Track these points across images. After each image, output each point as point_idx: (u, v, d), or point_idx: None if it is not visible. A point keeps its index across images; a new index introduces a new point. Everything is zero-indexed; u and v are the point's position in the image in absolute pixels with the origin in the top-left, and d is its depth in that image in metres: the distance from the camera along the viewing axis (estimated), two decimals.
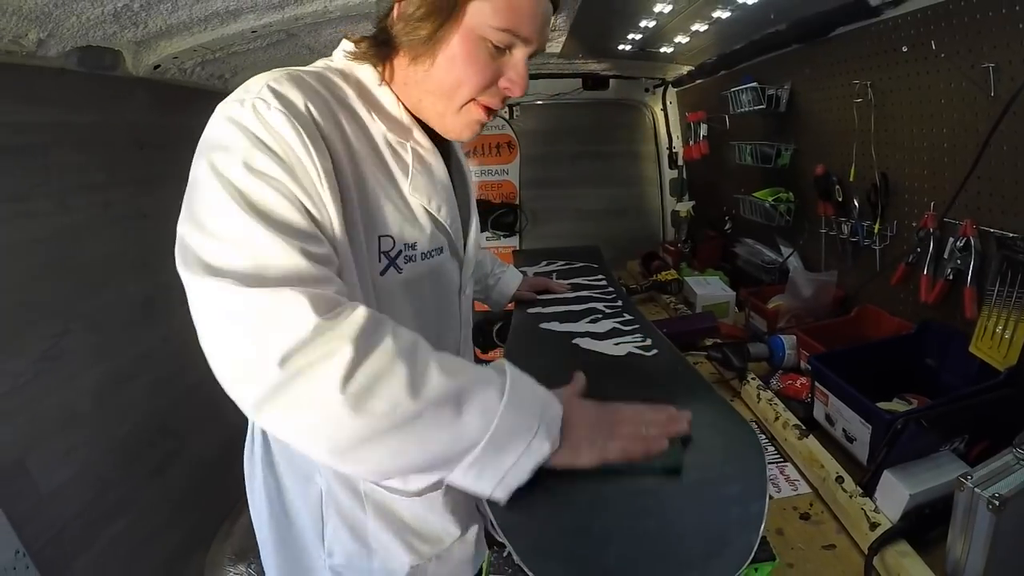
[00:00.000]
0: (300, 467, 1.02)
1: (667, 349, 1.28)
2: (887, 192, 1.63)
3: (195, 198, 0.74)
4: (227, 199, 0.70)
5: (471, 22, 0.81)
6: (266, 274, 0.67)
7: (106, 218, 1.71)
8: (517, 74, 0.86)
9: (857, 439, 1.22)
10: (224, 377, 0.67)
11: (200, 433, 2.10)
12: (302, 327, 0.64)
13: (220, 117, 0.76)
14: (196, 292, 0.69)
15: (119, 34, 1.51)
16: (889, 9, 1.49)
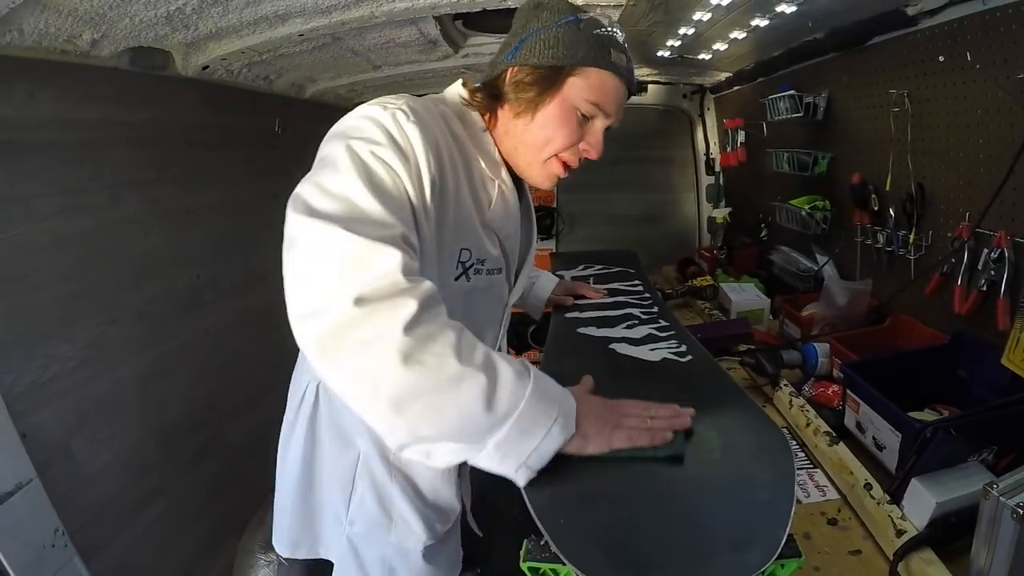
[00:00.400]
0: (344, 431, 1.14)
1: (701, 355, 1.31)
2: (923, 202, 1.63)
3: (323, 167, 0.85)
4: (351, 169, 0.82)
5: (567, 93, 1.02)
6: (366, 231, 0.76)
7: (154, 213, 1.78)
8: (596, 140, 1.07)
9: (887, 447, 1.23)
10: (297, 311, 0.74)
11: (236, 423, 2.16)
12: (385, 276, 0.73)
13: (362, 114, 0.90)
14: (298, 229, 0.78)
15: (170, 36, 1.58)
16: (926, 19, 1.50)
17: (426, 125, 0.92)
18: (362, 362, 0.71)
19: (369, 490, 1.14)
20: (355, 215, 0.78)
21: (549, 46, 1.01)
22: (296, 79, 2.39)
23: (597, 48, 1.02)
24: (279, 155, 2.49)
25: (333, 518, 1.19)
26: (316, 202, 0.79)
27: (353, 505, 1.16)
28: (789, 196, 2.25)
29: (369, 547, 1.18)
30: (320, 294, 0.73)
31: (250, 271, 2.30)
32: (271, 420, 2.32)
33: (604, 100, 1.04)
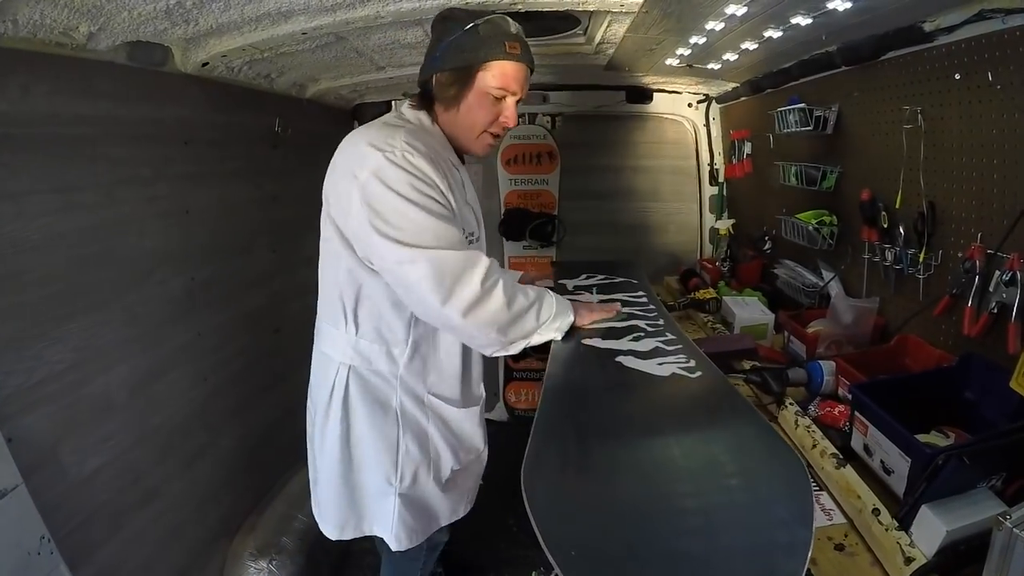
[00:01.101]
0: (381, 398, 1.49)
1: (711, 371, 1.28)
2: (933, 221, 1.60)
3: (389, 213, 1.27)
4: (410, 207, 1.27)
5: (479, 84, 1.38)
6: (445, 243, 1.29)
7: (151, 212, 1.74)
8: (510, 113, 1.44)
9: (895, 471, 1.20)
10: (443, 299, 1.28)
11: (231, 427, 2.13)
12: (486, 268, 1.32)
13: (382, 158, 1.27)
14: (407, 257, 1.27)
15: (170, 31, 1.54)
16: (943, 36, 1.47)
17: (422, 152, 1.30)
18: (490, 315, 1.32)
19: (412, 439, 1.50)
20: (446, 241, 1.29)
21: (457, 51, 1.35)
22: (297, 78, 2.35)
23: (494, 44, 1.34)
24: (279, 155, 2.45)
25: (378, 491, 1.51)
26: (413, 238, 1.26)
27: (400, 459, 1.50)
28: (795, 210, 2.23)
29: (416, 494, 1.54)
30: (459, 287, 1.28)
31: (247, 273, 2.27)
32: (267, 423, 2.34)
33: (508, 83, 1.39)
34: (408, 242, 1.24)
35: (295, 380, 2.54)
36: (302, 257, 2.68)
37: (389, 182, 1.25)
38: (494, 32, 1.35)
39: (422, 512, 1.56)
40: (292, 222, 2.57)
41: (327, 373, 1.50)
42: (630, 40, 1.92)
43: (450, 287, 1.26)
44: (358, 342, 1.46)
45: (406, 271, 1.27)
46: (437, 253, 1.26)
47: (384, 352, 1.47)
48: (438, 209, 1.30)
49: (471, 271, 1.29)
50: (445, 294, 1.26)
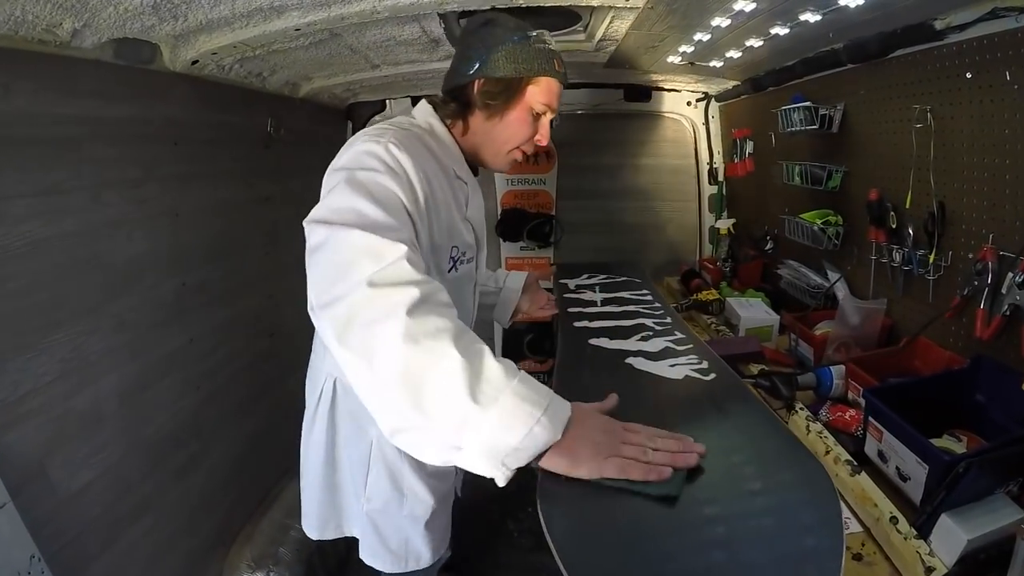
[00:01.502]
0: (359, 420, 1.34)
1: (725, 373, 1.26)
2: (943, 221, 1.58)
3: (333, 193, 1.01)
4: (357, 191, 0.99)
5: (528, 98, 1.29)
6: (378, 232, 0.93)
7: (139, 215, 1.69)
8: (545, 131, 1.36)
9: (911, 478, 1.18)
10: (319, 301, 0.89)
11: (224, 435, 2.09)
12: (395, 264, 0.89)
13: (359, 149, 1.09)
14: (321, 236, 0.94)
15: (157, 27, 1.49)
16: (954, 34, 1.45)
17: (411, 151, 1.12)
18: (368, 338, 0.83)
19: (383, 471, 1.35)
20: (367, 222, 0.94)
21: (510, 61, 1.25)
22: (290, 77, 2.30)
23: (545, 60, 1.28)
24: (272, 155, 2.40)
25: (353, 496, 1.41)
26: (333, 216, 0.95)
27: (370, 485, 1.37)
28: (798, 209, 2.20)
29: (386, 521, 1.39)
30: (339, 283, 0.87)
31: (239, 277, 2.22)
32: (261, 430, 2.30)
33: (552, 100, 1.32)
34: (328, 220, 0.94)
35: (290, 385, 2.52)
36: (296, 259, 2.63)
37: (353, 167, 1.05)
38: (545, 47, 1.30)
39: (391, 543, 1.41)
40: (286, 223, 2.52)
41: (316, 382, 1.42)
42: (633, 37, 1.88)
43: (336, 274, 0.89)
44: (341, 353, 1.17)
45: (311, 257, 0.96)
46: (345, 230, 0.92)
47: None
48: (391, 203, 1.01)
49: (367, 260, 0.88)
50: (328, 283, 0.89)
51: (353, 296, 0.86)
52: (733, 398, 1.15)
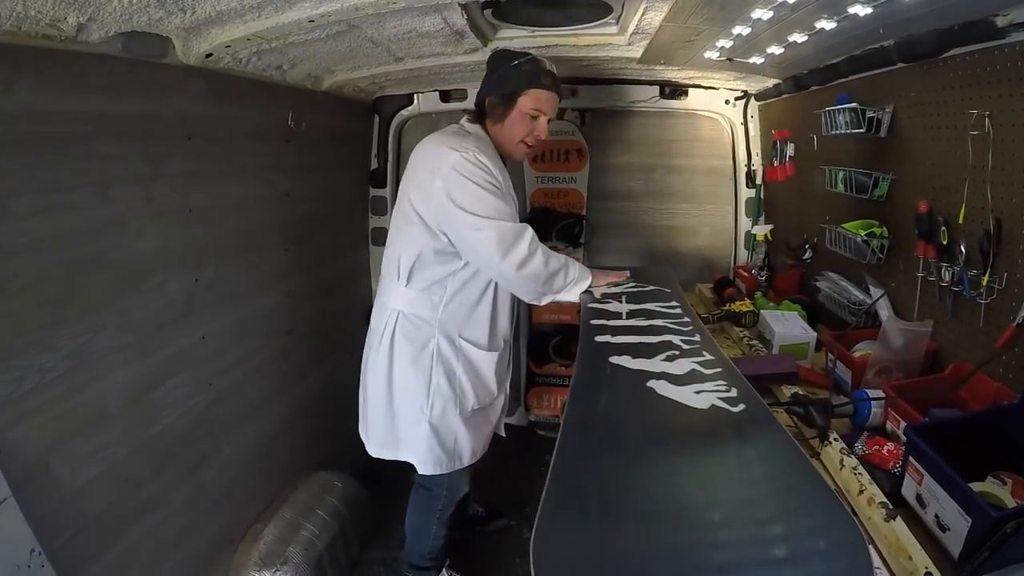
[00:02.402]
0: (419, 339, 1.87)
1: (754, 402, 1.17)
2: (999, 240, 1.43)
3: (465, 194, 1.72)
4: (482, 191, 1.73)
5: (520, 106, 1.83)
6: (506, 216, 1.76)
7: (149, 212, 1.66)
8: (541, 128, 1.88)
9: (951, 529, 1.07)
10: (502, 255, 1.73)
11: (235, 434, 2.08)
12: (532, 238, 1.79)
13: (460, 157, 1.73)
14: (481, 223, 1.72)
15: (166, 20, 1.45)
16: (1017, 32, 1.31)
17: (486, 154, 1.79)
18: (534, 270, 1.77)
19: (443, 375, 1.88)
20: (507, 214, 1.77)
21: (505, 82, 1.84)
22: (312, 69, 2.25)
23: (531, 78, 1.82)
24: (293, 150, 2.36)
25: (413, 421, 1.89)
26: (483, 210, 1.72)
27: (432, 392, 1.87)
28: (840, 218, 2.06)
29: (444, 424, 1.90)
30: (515, 247, 1.74)
31: (256, 275, 2.20)
32: (275, 430, 2.29)
33: (541, 106, 1.85)
34: (479, 213, 1.71)
35: (307, 382, 2.53)
36: (318, 255, 2.63)
37: (465, 172, 1.72)
38: (532, 68, 1.83)
39: (447, 443, 1.92)
40: (307, 220, 2.50)
41: (381, 317, 1.92)
42: (667, 30, 1.77)
43: (508, 247, 1.73)
44: (408, 292, 1.86)
45: (477, 236, 1.73)
46: (499, 223, 1.73)
47: (427, 300, 1.86)
48: (498, 193, 1.77)
49: (522, 237, 1.76)
50: (505, 252, 1.73)
51: (521, 253, 1.75)
52: (762, 435, 1.07)
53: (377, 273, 3.23)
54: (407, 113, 3.10)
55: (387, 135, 3.12)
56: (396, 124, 3.13)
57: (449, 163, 1.72)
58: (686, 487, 0.93)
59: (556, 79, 1.87)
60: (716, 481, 0.89)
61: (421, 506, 2.11)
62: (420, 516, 2.13)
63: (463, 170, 1.72)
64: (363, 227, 3.21)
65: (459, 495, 2.12)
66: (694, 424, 1.11)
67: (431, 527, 2.11)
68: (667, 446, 0.99)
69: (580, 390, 1.26)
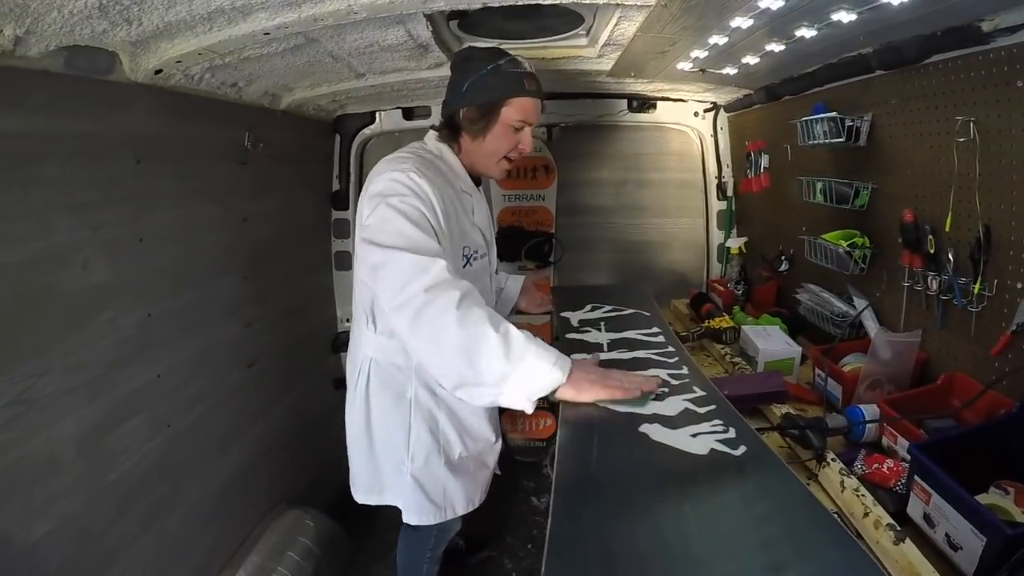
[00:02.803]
0: (397, 388, 1.67)
1: (755, 443, 1.11)
2: (988, 247, 1.41)
3: (379, 219, 1.38)
4: (398, 216, 1.37)
5: (503, 118, 1.57)
6: (422, 251, 1.32)
7: (96, 241, 1.54)
8: (527, 141, 1.64)
9: (964, 548, 1.03)
10: (390, 305, 1.31)
11: (197, 476, 1.95)
12: (439, 274, 1.29)
13: (389, 178, 1.44)
14: (380, 257, 1.34)
15: (111, 32, 1.34)
16: (1003, 37, 1.28)
17: (428, 176, 1.46)
18: (433, 329, 1.26)
19: (423, 425, 1.67)
20: (411, 244, 1.33)
21: (485, 89, 1.55)
22: (269, 87, 2.14)
23: (516, 82, 1.55)
24: (250, 173, 2.25)
25: (394, 468, 1.70)
26: (385, 240, 1.34)
27: (412, 444, 1.67)
28: (818, 229, 2.03)
29: (428, 475, 1.69)
30: (403, 291, 1.28)
31: (213, 305, 2.07)
32: (242, 467, 2.18)
33: (527, 115, 1.59)
34: (383, 243, 1.34)
35: (272, 415, 2.40)
36: (280, 282, 2.51)
37: (387, 194, 1.41)
38: (514, 71, 1.55)
39: (434, 494, 1.71)
40: (267, 245, 2.38)
41: (354, 364, 1.74)
42: (641, 41, 1.72)
43: (400, 286, 1.29)
44: (377, 338, 1.66)
45: (376, 273, 1.37)
46: (400, 253, 1.32)
47: (399, 346, 1.60)
48: (423, 222, 1.39)
49: (427, 269, 1.29)
50: (395, 293, 1.30)
51: (416, 301, 1.27)
52: (769, 480, 1.01)
53: (342, 298, 3.15)
54: (369, 132, 3.01)
55: (349, 155, 3.02)
56: (358, 143, 3.04)
57: (379, 184, 1.44)
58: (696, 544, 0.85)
59: (538, 80, 1.60)
60: (726, 534, 0.84)
61: (412, 546, 1.95)
62: (411, 556, 1.97)
63: (386, 191, 1.41)
64: (326, 251, 3.10)
65: (451, 534, 1.96)
66: (696, 473, 1.05)
67: (422, 566, 1.95)
68: (670, 500, 0.93)
69: (569, 442, 1.17)
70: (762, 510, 0.93)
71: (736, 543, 0.84)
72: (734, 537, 0.85)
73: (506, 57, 1.55)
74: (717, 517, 0.90)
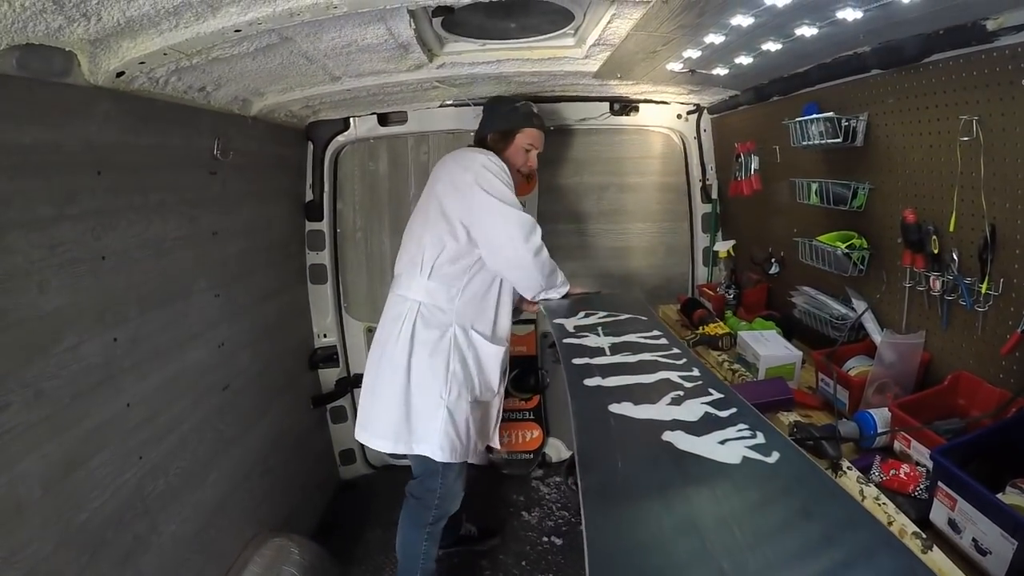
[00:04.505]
0: (438, 327, 2.04)
1: (787, 448, 1.06)
2: (993, 247, 1.40)
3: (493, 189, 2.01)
4: (503, 187, 2.03)
5: (517, 141, 2.24)
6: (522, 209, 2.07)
7: (53, 262, 1.40)
8: (532, 160, 2.30)
9: (992, 553, 1.02)
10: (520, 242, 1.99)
11: (173, 509, 1.82)
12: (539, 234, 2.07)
13: (485, 159, 2.07)
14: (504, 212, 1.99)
15: (67, 29, 1.22)
16: (1008, 36, 1.26)
17: (506, 166, 2.10)
18: (543, 263, 2.05)
19: (458, 360, 2.03)
20: (518, 205, 2.03)
21: (505, 121, 2.24)
22: (239, 91, 2.02)
23: (525, 118, 2.24)
24: (219, 183, 2.13)
25: (431, 407, 2.00)
26: (510, 199, 2.01)
27: (449, 376, 2.01)
28: (811, 231, 2.02)
29: (458, 409, 2.02)
30: (531, 237, 2.00)
31: (183, 326, 1.94)
32: (221, 497, 2.04)
33: (534, 142, 2.25)
34: (506, 201, 1.98)
35: (250, 439, 2.29)
36: (253, 299, 2.39)
37: (492, 170, 2.02)
38: (526, 111, 2.25)
39: (461, 429, 2.03)
40: (238, 259, 2.26)
41: (400, 308, 2.07)
42: (633, 40, 1.67)
43: (528, 233, 1.99)
44: (429, 284, 2.05)
45: (504, 219, 1.97)
46: (520, 212, 2.00)
47: (445, 292, 2.05)
48: (514, 194, 2.04)
49: (536, 229, 2.04)
50: (526, 236, 1.97)
51: (539, 247, 2.02)
52: (812, 490, 0.96)
53: (318, 312, 3.06)
54: (343, 139, 2.91)
55: (322, 163, 2.91)
56: (332, 151, 2.93)
57: (480, 162, 2.02)
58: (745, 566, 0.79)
59: (542, 119, 2.29)
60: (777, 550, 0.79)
61: (411, 517, 2.17)
62: (410, 528, 2.18)
63: (491, 168, 2.01)
64: (300, 264, 2.99)
65: (450, 507, 2.19)
66: (732, 484, 0.98)
67: (421, 542, 2.15)
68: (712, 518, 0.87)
69: (588, 453, 1.10)
70: (815, 529, 0.86)
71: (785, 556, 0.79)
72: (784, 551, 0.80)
73: (522, 101, 2.30)
74: (768, 536, 0.83)
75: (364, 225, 3.12)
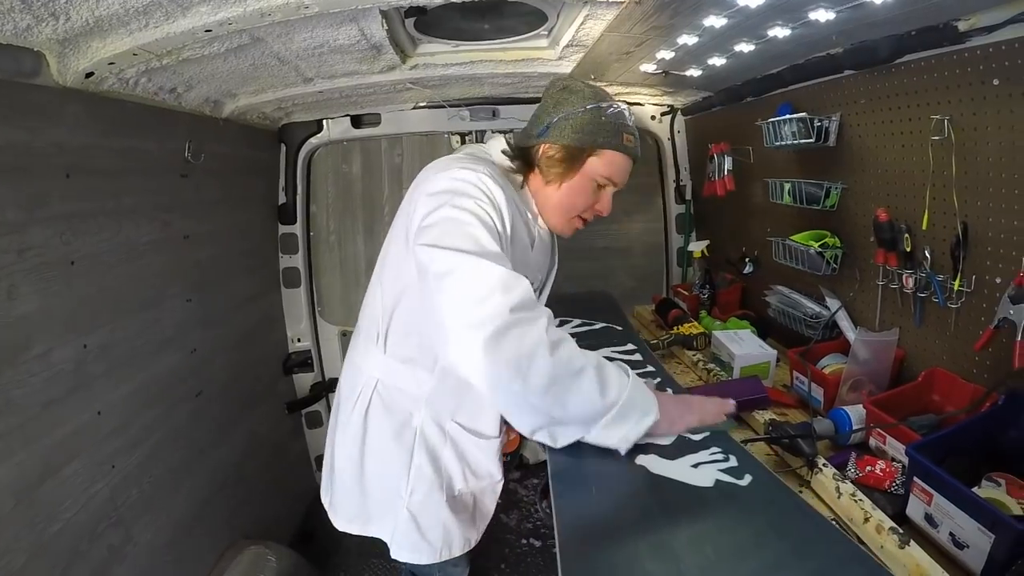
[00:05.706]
0: (399, 416, 1.43)
1: (759, 471, 1.09)
2: (965, 244, 1.42)
3: (446, 220, 1.16)
4: (466, 215, 1.15)
5: (588, 169, 1.33)
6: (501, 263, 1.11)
7: (22, 267, 1.39)
8: (606, 203, 1.42)
9: (970, 546, 1.04)
10: (466, 321, 1.05)
11: (146, 519, 1.79)
12: (526, 294, 1.09)
13: (455, 176, 1.22)
14: (452, 261, 1.09)
15: (35, 28, 1.21)
16: (979, 36, 1.29)
17: (502, 186, 1.24)
18: (519, 356, 1.03)
19: (425, 457, 1.43)
20: (486, 252, 1.11)
21: (575, 130, 1.30)
22: (211, 93, 1.99)
23: (613, 132, 1.31)
24: (190, 186, 2.09)
25: (387, 500, 1.45)
26: (459, 244, 1.11)
27: (412, 475, 1.43)
28: (785, 230, 2.03)
29: (426, 511, 1.44)
30: (483, 304, 1.05)
31: (156, 331, 1.91)
32: (196, 505, 2.01)
33: (615, 174, 1.36)
34: (455, 247, 1.11)
35: (224, 447, 2.26)
36: (226, 304, 2.36)
37: (457, 192, 1.20)
38: (615, 120, 1.32)
39: (430, 533, 1.46)
40: (211, 264, 2.22)
41: (354, 388, 1.49)
42: (606, 41, 1.68)
43: (482, 298, 1.06)
44: (387, 360, 1.44)
45: (442, 281, 1.11)
46: (478, 259, 1.09)
47: (410, 372, 1.42)
48: (495, 233, 1.17)
49: (505, 290, 1.07)
50: (470, 306, 1.07)
51: (499, 320, 1.04)
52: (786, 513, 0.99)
53: (292, 317, 3.00)
54: (316, 141, 2.88)
55: (295, 166, 2.88)
56: (305, 153, 2.90)
57: (445, 179, 1.23)
58: None
59: (638, 137, 1.38)
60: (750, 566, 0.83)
61: None
62: None
63: (455, 188, 1.20)
64: (273, 268, 2.95)
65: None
66: (704, 507, 1.01)
67: None
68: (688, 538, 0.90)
69: (561, 477, 1.12)
70: (785, 547, 0.89)
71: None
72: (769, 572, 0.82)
73: (610, 101, 1.33)
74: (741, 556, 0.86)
75: (337, 228, 3.09)
